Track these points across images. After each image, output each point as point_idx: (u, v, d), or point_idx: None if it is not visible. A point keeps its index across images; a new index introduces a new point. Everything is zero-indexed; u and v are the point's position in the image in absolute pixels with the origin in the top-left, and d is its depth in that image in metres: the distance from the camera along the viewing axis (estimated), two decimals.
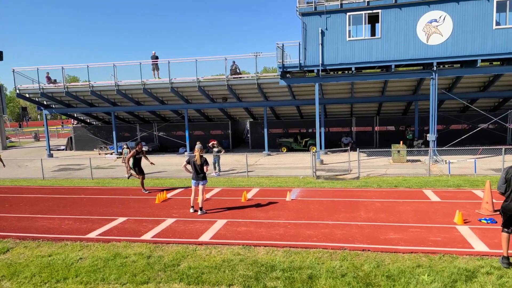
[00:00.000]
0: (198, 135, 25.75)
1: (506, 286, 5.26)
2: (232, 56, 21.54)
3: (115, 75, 21.38)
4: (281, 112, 25.59)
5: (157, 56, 22.19)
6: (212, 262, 6.69)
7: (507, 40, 15.59)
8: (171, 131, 26.70)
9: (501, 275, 5.54)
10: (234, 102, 22.69)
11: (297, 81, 19.01)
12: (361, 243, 7.17)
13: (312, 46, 17.35)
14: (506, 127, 21.58)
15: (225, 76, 20.42)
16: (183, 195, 12.09)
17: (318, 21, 17.07)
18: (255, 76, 20.19)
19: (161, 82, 21.38)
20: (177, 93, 21.66)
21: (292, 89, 21.09)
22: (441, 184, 12.11)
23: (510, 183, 5.74)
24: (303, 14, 17.13)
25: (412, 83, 20.26)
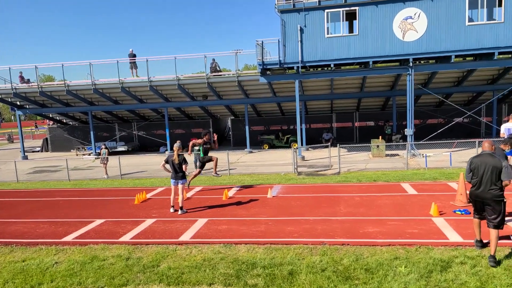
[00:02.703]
0: (178, 133, 25.49)
1: (479, 274, 5.41)
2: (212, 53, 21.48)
3: (91, 74, 20.91)
4: (262, 109, 25.61)
5: (134, 54, 21.80)
6: (192, 261, 6.63)
7: (479, 36, 16.04)
8: (151, 130, 26.33)
9: (475, 264, 5.71)
10: (214, 100, 22.55)
11: (277, 78, 19.04)
12: (341, 238, 7.25)
13: (292, 43, 17.40)
14: (480, 120, 22.23)
15: (205, 74, 20.25)
16: (164, 194, 11.95)
17: (297, 18, 17.12)
18: (235, 73, 20.11)
19: (139, 81, 21.03)
20: (156, 92, 21.36)
21: (273, 86, 21.12)
22: (418, 177, 12.38)
23: (474, 172, 6.01)
24: (282, 11, 17.15)
25: (389, 79, 20.61)
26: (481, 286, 5.13)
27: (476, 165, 5.99)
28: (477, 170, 5.98)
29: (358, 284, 5.48)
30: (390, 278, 5.54)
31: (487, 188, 5.86)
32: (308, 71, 19.05)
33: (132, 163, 19.23)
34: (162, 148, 24.46)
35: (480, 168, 5.92)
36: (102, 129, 26.86)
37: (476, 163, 6.01)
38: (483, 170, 5.89)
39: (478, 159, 6.03)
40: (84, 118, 26.97)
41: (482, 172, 5.90)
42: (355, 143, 22.59)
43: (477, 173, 5.97)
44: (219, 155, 20.32)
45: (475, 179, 6.01)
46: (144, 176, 15.80)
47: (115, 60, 20.75)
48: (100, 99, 23.11)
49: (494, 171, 5.79)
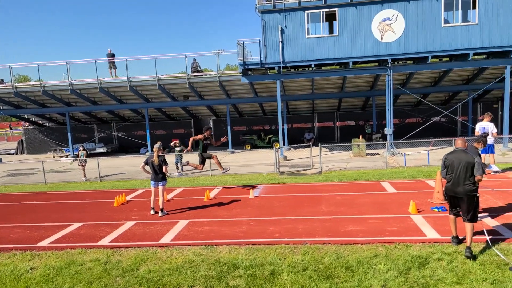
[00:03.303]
0: (160, 134, 25.18)
1: (455, 270, 5.54)
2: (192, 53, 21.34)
3: (68, 74, 20.40)
4: (244, 110, 25.59)
5: (113, 54, 21.41)
6: (173, 264, 6.54)
7: (455, 38, 16.47)
8: (131, 131, 25.91)
9: (451, 260, 5.83)
10: (196, 100, 22.39)
11: (259, 78, 19.05)
12: (322, 237, 7.29)
13: (272, 43, 17.44)
14: (456, 119, 22.86)
15: (186, 74, 20.07)
16: (144, 196, 11.75)
17: (278, 19, 17.17)
18: (216, 73, 20.02)
19: (119, 81, 20.66)
20: (136, 92, 21.03)
21: (254, 86, 21.13)
22: (397, 175, 12.61)
23: (448, 168, 6.23)
24: (263, 12, 17.17)
25: (369, 79, 20.94)
26: (457, 281, 5.25)
27: (450, 161, 6.21)
28: (451, 166, 6.19)
29: (339, 282, 5.51)
30: (370, 275, 5.60)
31: (461, 183, 6.05)
32: (289, 71, 19.14)
33: (112, 164, 18.86)
34: (142, 149, 24.10)
35: (454, 164, 6.13)
36: (80, 131, 26.26)
37: (450, 159, 6.22)
38: (457, 166, 6.09)
39: (452, 156, 6.25)
40: (61, 119, 26.29)
41: (456, 168, 6.10)
42: (337, 143, 22.85)
43: (451, 169, 6.18)
44: None
45: (449, 175, 6.21)
46: (124, 178, 15.52)
47: (93, 60, 20.35)
48: (78, 99, 22.59)
49: (467, 167, 6.00)
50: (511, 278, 5.21)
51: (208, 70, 25.47)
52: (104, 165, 17.11)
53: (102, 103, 23.18)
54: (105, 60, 21.12)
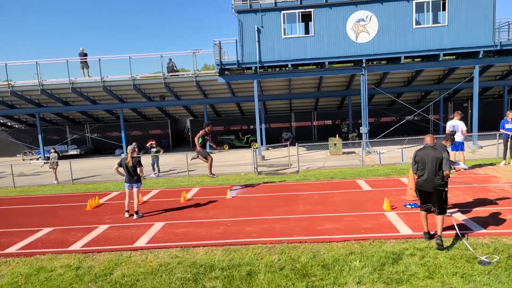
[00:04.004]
0: (135, 135, 24.70)
1: (427, 265, 5.68)
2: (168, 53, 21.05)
3: (38, 74, 19.69)
4: (221, 110, 25.47)
5: (85, 53, 20.83)
6: (148, 267, 6.40)
7: (426, 39, 16.95)
8: (106, 132, 25.29)
9: (423, 256, 5.98)
10: (172, 101, 22.10)
11: (236, 78, 18.99)
12: (299, 236, 7.32)
13: (249, 43, 17.42)
14: (428, 118, 23.54)
15: (162, 74, 19.77)
16: (118, 199, 11.48)
17: (254, 19, 17.17)
18: (193, 73, 19.82)
19: (92, 81, 20.13)
20: (110, 92, 20.54)
21: (232, 86, 21.06)
22: (373, 173, 12.84)
23: (419, 163, 6.47)
24: (239, 12, 17.12)
25: (344, 79, 21.26)
26: (429, 276, 5.38)
27: (420, 157, 6.44)
28: (421, 162, 6.42)
29: (315, 280, 5.54)
30: (345, 273, 5.66)
31: (430, 178, 6.29)
32: (266, 71, 19.18)
33: (85, 167, 18.34)
34: (117, 150, 23.57)
35: (424, 160, 6.37)
36: (52, 132, 25.41)
37: (420, 155, 6.46)
38: (426, 162, 6.33)
39: (421, 152, 6.48)
40: (31, 120, 25.35)
41: (425, 163, 6.34)
42: (314, 142, 23.07)
43: (421, 164, 6.41)
44: (178, 156, 20.01)
45: (420, 170, 6.44)
46: (98, 181, 15.11)
47: (64, 60, 19.71)
48: (49, 100, 21.84)
49: (436, 162, 6.25)
50: (479, 271, 5.38)
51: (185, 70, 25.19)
52: (77, 167, 16.62)
53: (74, 104, 22.51)
54: (77, 59, 20.53)
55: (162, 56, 19.43)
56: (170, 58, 20.24)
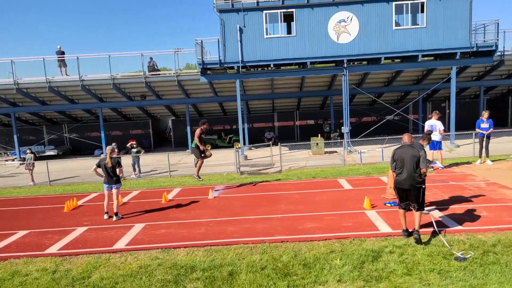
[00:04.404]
0: (116, 135, 24.26)
1: (406, 262, 5.77)
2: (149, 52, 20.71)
3: (13, 72, 19.07)
4: (203, 109, 25.31)
5: (63, 51, 20.31)
6: (127, 270, 6.29)
7: (405, 40, 17.26)
8: (85, 132, 24.74)
9: (402, 253, 6.08)
10: (153, 100, 21.80)
11: (218, 78, 18.90)
12: (280, 235, 7.33)
13: (231, 42, 17.34)
14: (408, 118, 24.00)
15: (143, 73, 19.48)
16: (97, 200, 11.24)
17: (236, 18, 17.11)
18: (175, 72, 19.61)
19: (69, 80, 19.65)
20: (89, 91, 20.10)
21: (214, 85, 20.94)
22: (354, 172, 12.99)
23: (397, 162, 6.60)
24: (221, 11, 17.03)
25: (326, 79, 21.44)
26: (407, 272, 5.47)
27: (398, 156, 6.59)
28: (399, 160, 6.56)
29: (296, 279, 5.56)
30: (326, 271, 5.70)
31: (408, 175, 6.43)
32: (249, 71, 19.15)
33: (63, 168, 17.89)
34: (97, 151, 23.08)
35: (402, 158, 6.51)
36: (28, 132, 24.67)
37: (398, 153, 6.60)
38: (404, 160, 6.47)
39: (400, 150, 6.63)
40: (6, 120, 24.55)
41: (403, 161, 6.48)
42: (296, 142, 23.18)
43: (400, 163, 6.55)
44: (159, 157, 19.75)
45: (398, 168, 6.58)
46: (76, 182, 14.76)
47: (41, 58, 19.17)
48: (25, 99, 21.20)
49: (413, 160, 6.40)
50: (456, 267, 5.51)
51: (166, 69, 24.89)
52: (54, 168, 16.20)
53: (51, 103, 21.92)
54: (54, 58, 20.00)
55: (143, 54, 19.15)
56: (151, 57, 19.96)
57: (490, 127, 12.97)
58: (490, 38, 17.28)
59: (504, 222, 7.21)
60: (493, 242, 6.25)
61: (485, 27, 17.64)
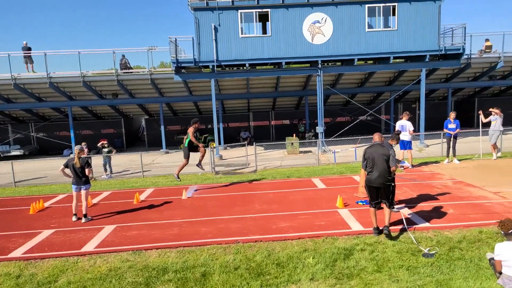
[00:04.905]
0: (86, 134, 23.52)
1: (376, 259, 5.89)
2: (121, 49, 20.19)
3: None
4: (178, 108, 24.96)
5: (29, 47, 19.49)
6: (96, 273, 6.10)
7: (377, 42, 17.65)
8: (53, 132, 23.83)
9: (373, 250, 6.20)
10: (126, 99, 21.28)
11: (192, 77, 18.67)
12: (254, 235, 7.32)
13: (206, 41, 17.18)
14: (380, 118, 24.57)
15: (115, 71, 18.98)
16: (65, 202, 10.85)
17: (211, 17, 16.96)
18: (148, 71, 19.22)
19: (36, 77, 18.86)
20: (57, 89, 19.37)
21: (189, 84, 20.69)
22: (327, 172, 13.17)
23: (368, 160, 6.77)
24: (195, 9, 16.83)
25: (301, 79, 21.63)
26: (377, 269, 5.58)
27: (369, 155, 6.75)
28: (370, 159, 6.72)
29: (270, 279, 5.56)
30: (299, 270, 5.73)
31: (378, 174, 6.60)
32: (224, 70, 19.04)
33: (29, 168, 17.19)
34: (66, 151, 22.25)
35: (372, 156, 6.67)
36: None
37: (369, 152, 6.77)
38: (375, 158, 6.63)
39: (370, 149, 6.79)
40: None
41: (374, 160, 6.64)
42: (272, 141, 23.26)
43: (370, 161, 6.71)
44: (132, 157, 19.32)
45: (369, 167, 6.74)
46: (43, 183, 14.19)
47: (5, 53, 18.30)
48: None
49: (383, 159, 6.57)
50: (423, 263, 5.67)
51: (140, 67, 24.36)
52: (20, 169, 15.53)
53: (17, 101, 20.99)
54: (20, 54, 19.16)
55: (115, 52, 18.64)
56: (123, 55, 19.46)
57: (457, 127, 13.46)
58: (458, 42, 17.94)
59: (469, 219, 7.49)
60: (459, 239, 6.48)
61: (453, 31, 18.29)
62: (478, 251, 5.94)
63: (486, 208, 8.12)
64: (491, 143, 13.66)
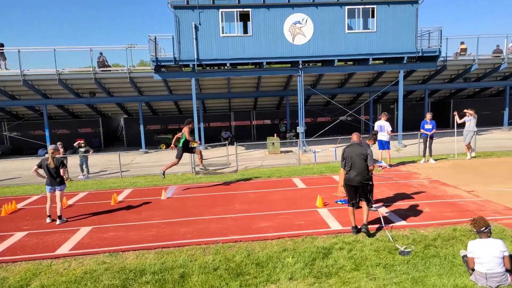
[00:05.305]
0: (63, 134, 22.89)
1: (354, 258, 5.96)
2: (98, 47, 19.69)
3: None
4: (158, 108, 24.64)
5: (2, 43, 18.82)
6: (71, 276, 5.93)
7: (357, 43, 17.91)
8: (28, 131, 23.10)
9: (351, 249, 6.27)
10: (103, 97, 20.84)
11: (173, 76, 18.47)
12: (234, 235, 7.28)
13: (186, 40, 17.01)
14: (360, 119, 24.95)
15: (92, 69, 18.54)
16: (39, 203, 10.53)
17: (191, 16, 16.81)
18: (127, 69, 18.87)
19: (9, 74, 18.23)
20: (32, 87, 18.78)
21: (169, 83, 20.44)
22: (308, 171, 13.25)
23: (347, 160, 6.86)
24: (175, 7, 16.64)
25: (282, 80, 21.72)
26: (355, 268, 5.64)
27: (348, 154, 6.85)
28: (348, 158, 6.81)
29: (249, 279, 5.54)
30: (278, 269, 5.73)
31: (357, 172, 6.70)
32: (205, 69, 18.91)
33: (2, 168, 16.60)
34: (41, 150, 21.61)
35: (351, 156, 6.78)
36: None
37: (348, 152, 6.87)
38: (353, 158, 6.74)
39: (349, 149, 6.89)
40: None
41: (352, 159, 6.75)
42: (253, 141, 23.26)
43: (349, 160, 6.80)
44: (110, 156, 18.93)
45: (348, 166, 6.83)
46: (16, 184, 13.72)
47: None
48: None
49: (361, 158, 6.69)
50: (400, 261, 5.77)
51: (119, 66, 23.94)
52: None
53: None
54: None
55: (92, 49, 18.21)
56: (101, 52, 19.05)
57: (433, 128, 13.80)
58: (434, 44, 18.41)
59: (444, 217, 7.68)
60: (434, 236, 6.63)
61: (430, 34, 18.76)
62: (452, 249, 6.08)
63: (460, 207, 8.35)
64: (465, 143, 14.08)
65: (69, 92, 19.80)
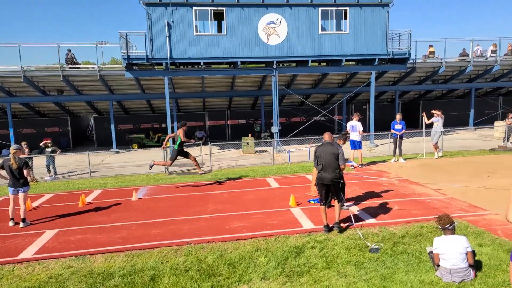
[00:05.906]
0: (28, 133, 21.96)
1: (325, 256, 6.02)
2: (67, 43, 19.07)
3: None
4: (130, 107, 24.08)
5: None
6: (35, 281, 5.68)
7: (330, 44, 18.17)
8: None
9: (323, 247, 6.33)
10: (72, 96, 20.13)
11: (145, 74, 18.09)
12: (207, 236, 7.20)
13: (159, 38, 16.69)
14: (333, 119, 25.35)
15: (60, 66, 17.87)
16: (1, 206, 10.04)
17: (164, 13, 16.51)
18: (97, 67, 18.31)
19: None
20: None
21: (141, 82, 20.01)
22: (282, 171, 13.32)
23: (318, 159, 6.94)
24: (148, 4, 16.29)
25: (257, 79, 21.73)
26: (327, 266, 5.70)
27: (320, 153, 6.92)
28: (320, 157, 6.89)
29: (221, 279, 5.48)
30: (251, 269, 5.71)
31: (328, 171, 6.80)
32: (178, 68, 18.64)
33: None
34: (5, 150, 20.63)
35: (323, 155, 6.86)
36: None
37: (319, 151, 6.94)
38: (325, 157, 6.83)
39: (320, 148, 6.97)
40: None
41: (324, 158, 6.83)
42: (228, 141, 23.14)
43: (321, 159, 6.88)
44: (79, 157, 18.34)
45: (319, 165, 6.90)
46: None
47: None
48: None
49: (333, 157, 6.79)
50: (369, 258, 5.88)
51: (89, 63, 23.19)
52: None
53: None
54: None
55: (60, 46, 17.51)
56: (69, 49, 18.39)
57: (403, 128, 14.19)
58: (404, 47, 18.95)
59: (412, 215, 7.91)
60: (402, 234, 6.81)
61: (400, 36, 19.29)
62: (420, 245, 6.26)
63: (427, 204, 8.62)
64: (433, 143, 14.57)
65: (35, 90, 19.00)
